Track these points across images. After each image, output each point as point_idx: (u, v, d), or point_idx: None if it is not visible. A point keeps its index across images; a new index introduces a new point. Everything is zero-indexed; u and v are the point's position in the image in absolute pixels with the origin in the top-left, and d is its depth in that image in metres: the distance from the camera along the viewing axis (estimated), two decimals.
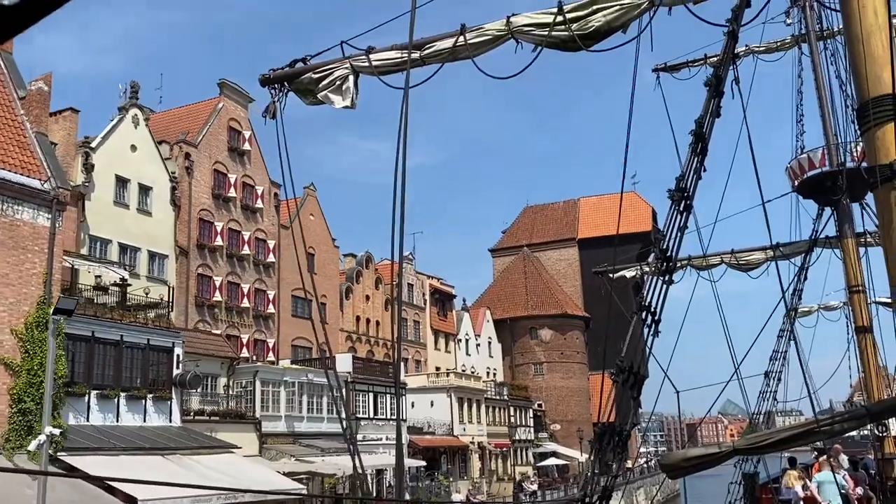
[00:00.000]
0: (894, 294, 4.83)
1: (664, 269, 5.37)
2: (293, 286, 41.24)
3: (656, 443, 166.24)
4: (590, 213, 78.15)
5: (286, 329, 40.02)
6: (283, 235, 41.02)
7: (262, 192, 39.88)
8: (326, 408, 34.71)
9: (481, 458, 49.77)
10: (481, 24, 5.22)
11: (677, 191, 5.43)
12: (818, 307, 19.96)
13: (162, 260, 32.81)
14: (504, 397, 55.87)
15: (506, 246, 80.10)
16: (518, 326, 67.67)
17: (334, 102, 5.65)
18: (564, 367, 66.67)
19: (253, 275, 38.30)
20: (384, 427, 38.95)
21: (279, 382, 32.17)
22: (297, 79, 5.82)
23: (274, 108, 5.80)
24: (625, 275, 17.31)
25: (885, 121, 4.62)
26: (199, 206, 35.43)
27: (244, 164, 38.95)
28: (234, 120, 38.74)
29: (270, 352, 38.16)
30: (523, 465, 56.73)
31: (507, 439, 54.69)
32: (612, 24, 5.03)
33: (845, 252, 11.51)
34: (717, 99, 5.31)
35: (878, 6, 5.10)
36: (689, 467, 4.66)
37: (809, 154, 11.94)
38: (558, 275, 75.64)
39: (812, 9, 12.28)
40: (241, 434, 28.06)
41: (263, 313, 38.55)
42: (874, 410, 6.21)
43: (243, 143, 38.94)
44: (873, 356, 10.88)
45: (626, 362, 5.06)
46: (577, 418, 65.13)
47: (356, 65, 5.56)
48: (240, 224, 37.95)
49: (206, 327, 33.83)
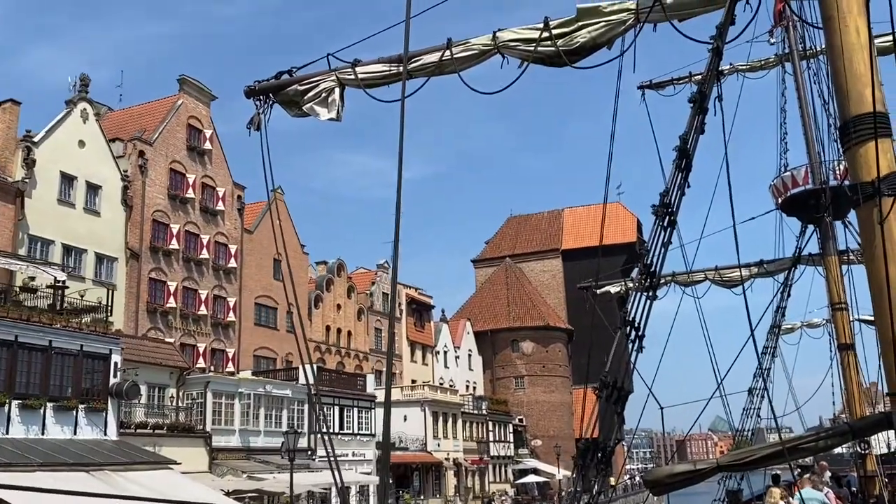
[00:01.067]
0: (876, 312, 5.15)
1: (648, 285, 5.69)
2: (257, 293, 41.30)
3: (645, 459, 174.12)
4: (574, 223, 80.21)
5: (248, 338, 40.10)
6: (247, 240, 41.09)
7: (224, 193, 39.87)
8: (287, 422, 34.73)
9: (456, 475, 50.40)
10: (468, 39, 5.54)
11: (661, 206, 5.75)
12: (801, 324, 21.24)
13: (110, 263, 32.66)
14: (482, 412, 56.79)
15: (488, 256, 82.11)
16: (499, 339, 69.11)
17: (320, 115, 5.94)
18: (546, 380, 68.09)
19: (212, 280, 38.24)
20: (350, 442, 39.31)
21: (233, 394, 32.13)
22: (283, 90, 6.10)
23: (259, 120, 6.05)
24: (609, 290, 18.15)
25: (867, 139, 4.95)
26: (153, 207, 35.31)
27: (205, 164, 38.92)
28: (195, 118, 38.74)
29: (230, 362, 38.24)
30: (502, 482, 57.60)
31: (485, 455, 55.57)
32: (598, 41, 5.37)
33: (828, 269, 12.20)
34: (702, 116, 5.66)
35: (860, 25, 5.42)
36: (673, 483, 4.98)
37: (793, 172, 12.66)
38: (541, 286, 77.32)
39: (795, 28, 13.02)
40: (190, 449, 27.90)
41: (223, 321, 38.56)
42: (857, 427, 6.58)
43: (204, 142, 38.92)
44: (856, 374, 11.50)
45: (611, 377, 5.36)
46: (559, 434, 66.35)
47: (342, 77, 5.86)
48: (198, 227, 37.90)
49: (159, 335, 33.79)
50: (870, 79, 5.06)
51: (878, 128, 4.88)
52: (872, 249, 4.77)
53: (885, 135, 4.88)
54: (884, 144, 4.83)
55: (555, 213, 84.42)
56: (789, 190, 12.49)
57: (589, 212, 79.38)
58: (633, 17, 5.41)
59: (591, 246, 72.24)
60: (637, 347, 5.56)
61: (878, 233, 4.65)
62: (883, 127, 4.89)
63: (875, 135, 4.92)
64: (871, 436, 9.27)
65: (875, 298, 4.79)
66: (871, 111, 4.99)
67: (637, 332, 5.57)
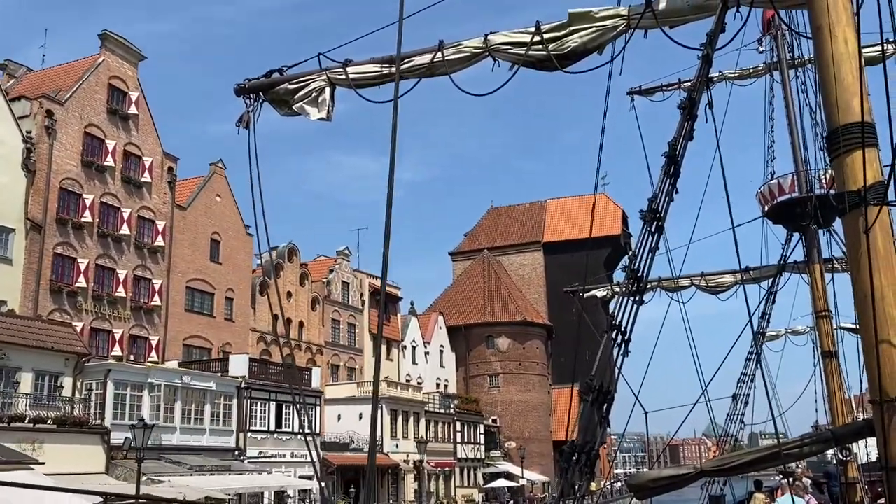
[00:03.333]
0: (861, 320, 5.94)
1: (635, 290, 6.52)
2: (189, 276, 41.43)
3: (637, 463, 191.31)
4: (557, 215, 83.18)
5: (177, 326, 40.35)
6: (179, 217, 41.09)
7: (152, 164, 39.82)
8: (210, 418, 34.97)
9: (418, 479, 51.63)
10: (459, 41, 6.24)
11: (649, 212, 6.58)
12: (785, 331, 23.35)
13: (5, 234, 32.41)
14: (450, 411, 58.31)
15: (467, 249, 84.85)
16: (473, 334, 71.41)
17: (310, 114, 6.60)
18: (522, 379, 70.37)
19: (133, 259, 38.30)
20: (289, 442, 39.89)
21: (142, 385, 32.00)
22: (273, 89, 6.75)
23: (248, 118, 6.68)
24: (596, 294, 19.81)
25: (854, 148, 5.54)
26: (62, 174, 35.14)
27: (129, 130, 38.80)
28: (118, 78, 38.53)
29: (153, 351, 38.29)
30: (470, 486, 59.47)
31: (452, 458, 57.20)
32: (589, 46, 6.14)
33: (812, 277, 13.69)
34: (691, 122, 6.48)
35: (849, 35, 6.19)
36: (657, 488, 5.82)
37: (779, 180, 14.14)
38: (521, 280, 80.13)
39: (783, 37, 14.27)
40: (82, 447, 27.45)
41: (146, 305, 38.70)
42: (839, 434, 7.51)
43: (129, 105, 38.79)
44: (838, 381, 12.81)
45: (597, 381, 6.14)
46: (536, 436, 69.12)
47: (333, 77, 6.52)
48: (119, 199, 37.87)
49: (65, 318, 33.61)
50: (858, 88, 5.81)
51: (865, 137, 5.51)
52: (857, 258, 5.34)
53: (872, 144, 5.52)
54: (870, 154, 5.45)
55: (537, 204, 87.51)
56: (776, 198, 13.88)
57: (573, 203, 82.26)
58: (625, 23, 6.18)
59: (573, 238, 75.46)
60: (623, 352, 6.37)
61: (864, 242, 5.21)
62: (870, 136, 5.54)
63: (862, 144, 5.54)
64: (852, 443, 10.38)
65: (859, 306, 5.31)
66: (858, 121, 5.63)
67: (624, 337, 6.38)
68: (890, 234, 5.38)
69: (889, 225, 5.39)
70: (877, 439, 4.92)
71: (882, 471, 4.84)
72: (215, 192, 44.87)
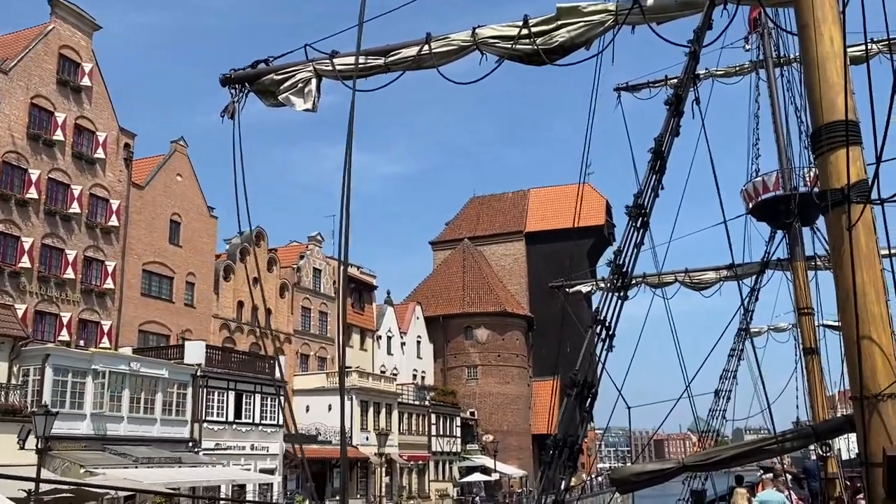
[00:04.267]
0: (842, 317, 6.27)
1: (619, 285, 6.89)
2: (146, 259, 41.24)
3: (624, 457, 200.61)
4: (540, 204, 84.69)
5: (132, 310, 40.26)
6: (136, 196, 40.90)
7: (106, 140, 39.52)
8: (162, 407, 34.88)
9: (389, 473, 52.17)
10: (447, 34, 6.57)
11: (635, 207, 6.95)
12: (768, 328, 24.86)
13: None
14: (425, 403, 59.12)
15: (448, 238, 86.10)
16: (452, 325, 72.63)
17: (295, 105, 6.91)
18: (501, 371, 71.70)
19: (85, 240, 38.10)
20: (249, 434, 39.98)
21: (85, 371, 31.70)
22: (259, 80, 7.05)
23: (233, 108, 6.96)
24: (581, 289, 21.06)
25: (838, 146, 5.90)
26: (4, 147, 34.91)
27: (81, 103, 38.48)
28: (70, 48, 38.16)
29: (105, 336, 38.16)
30: (445, 480, 60.23)
31: (426, 451, 57.93)
32: (576, 41, 6.49)
33: (795, 275, 14.43)
34: (677, 118, 6.85)
35: (835, 34, 6.56)
36: (639, 482, 6.23)
37: (764, 177, 14.96)
38: (503, 271, 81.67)
39: (770, 35, 14.92)
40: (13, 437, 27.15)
41: (98, 288, 38.55)
42: (820, 430, 7.97)
43: (82, 77, 38.45)
44: (819, 377, 13.52)
45: (580, 375, 6.51)
46: (514, 429, 70.45)
47: (319, 68, 6.83)
48: (69, 176, 37.63)
49: (6, 299, 33.41)
50: (842, 87, 6.22)
51: (849, 135, 5.86)
52: (840, 255, 5.71)
53: (856, 143, 5.89)
54: (854, 152, 5.81)
55: (520, 193, 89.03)
56: (760, 195, 14.66)
57: (556, 193, 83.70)
58: (612, 18, 6.55)
59: (556, 228, 77.19)
60: (607, 347, 6.74)
61: (847, 239, 5.59)
62: (854, 135, 5.90)
63: (846, 142, 5.90)
64: (833, 438, 10.96)
65: (841, 303, 5.66)
66: (843, 119, 6.00)
67: (608, 332, 6.75)
68: (872, 232, 5.76)
69: (872, 223, 5.76)
70: (857, 435, 5.33)
71: (862, 466, 5.26)
72: (176, 172, 44.41)
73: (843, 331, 5.62)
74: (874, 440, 5.10)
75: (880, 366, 5.22)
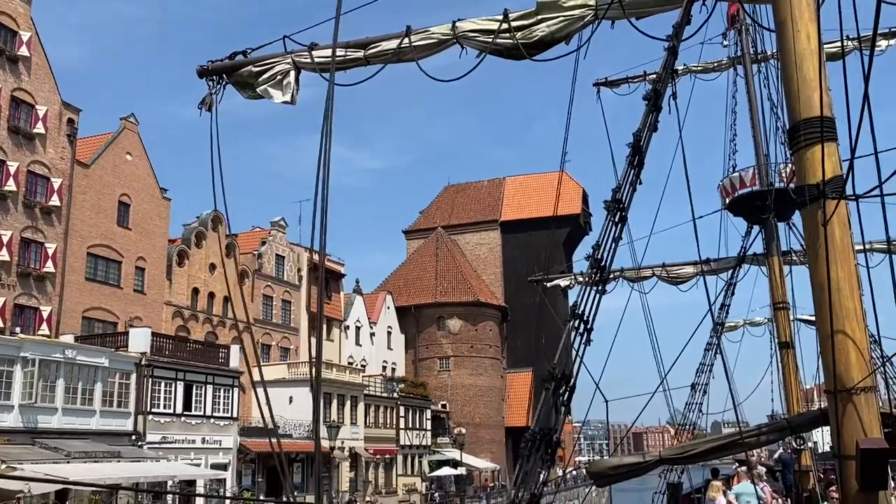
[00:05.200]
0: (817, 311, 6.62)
1: (597, 280, 7.26)
2: (91, 241, 40.67)
3: (596, 451, 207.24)
4: (515, 193, 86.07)
5: (76, 296, 39.72)
6: (81, 176, 40.39)
7: (47, 114, 38.86)
8: (102, 398, 34.24)
9: (354, 468, 52.53)
10: (427, 28, 6.88)
11: (613, 202, 7.32)
12: (744, 322, 26.02)
13: None
14: (393, 395, 59.69)
15: (421, 227, 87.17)
16: (424, 315, 73.72)
17: (274, 97, 7.19)
18: (474, 362, 72.78)
19: (21, 220, 37.41)
20: (200, 426, 39.62)
21: (12, 360, 30.88)
22: (237, 72, 7.30)
23: (210, 101, 7.22)
24: (559, 283, 22.00)
25: (814, 142, 6.23)
26: None
27: (18, 74, 37.94)
28: (6, 15, 37.47)
29: (44, 322, 37.53)
30: (414, 475, 60.97)
31: (394, 445, 58.58)
32: (556, 35, 6.84)
33: (771, 269, 15.21)
34: (656, 113, 7.23)
35: (811, 31, 6.90)
36: (616, 475, 6.63)
37: (741, 173, 15.87)
38: (478, 261, 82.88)
39: (747, 32, 15.55)
40: None
41: (36, 272, 37.83)
42: (795, 423, 8.43)
43: (19, 46, 37.91)
44: (794, 371, 14.24)
45: (559, 369, 6.86)
46: (487, 421, 71.60)
47: (298, 60, 7.12)
48: (3, 151, 36.77)
49: None
50: (818, 83, 6.62)
51: (825, 132, 6.20)
52: (815, 250, 6.04)
53: (831, 139, 6.23)
54: (829, 148, 6.14)
55: (495, 181, 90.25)
56: (737, 191, 15.56)
57: (531, 181, 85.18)
58: (592, 13, 6.90)
59: (532, 217, 78.51)
60: (585, 340, 7.09)
61: (822, 234, 5.92)
62: (829, 131, 6.24)
63: (822, 138, 6.25)
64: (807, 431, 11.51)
65: (816, 298, 6.03)
66: (819, 115, 6.36)
67: (586, 326, 7.10)
68: (847, 227, 6.11)
69: (847, 218, 6.12)
70: (830, 428, 5.73)
71: (835, 459, 5.66)
72: (126, 150, 43.87)
73: (817, 325, 5.95)
74: (847, 433, 5.47)
75: (854, 360, 5.56)
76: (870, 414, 5.48)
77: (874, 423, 5.46)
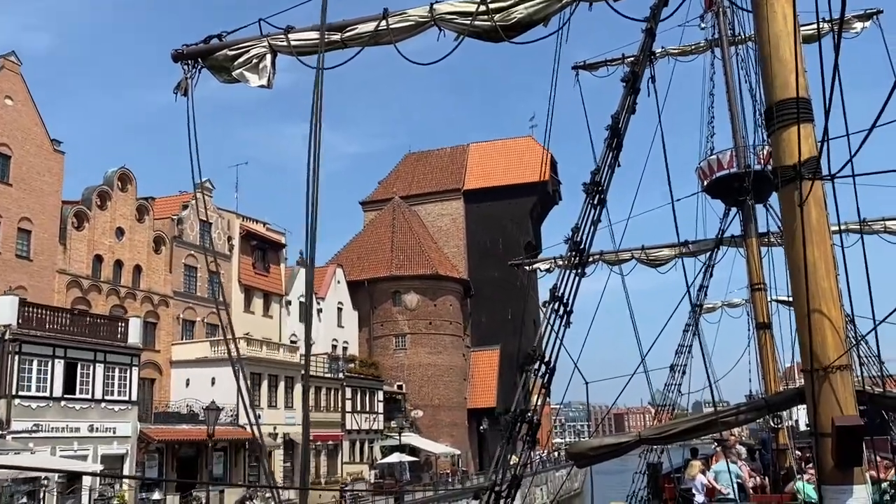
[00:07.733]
0: (794, 291, 6.43)
1: (577, 262, 7.22)
2: None
3: (577, 432, 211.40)
4: (479, 160, 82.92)
5: None
6: None
7: None
8: None
9: (290, 456, 48.35)
10: (404, 10, 6.79)
11: (592, 184, 7.28)
12: (722, 304, 26.40)
13: None
14: (339, 376, 55.55)
15: (379, 198, 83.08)
16: (379, 290, 69.71)
17: (250, 81, 7.12)
18: (433, 339, 69.17)
19: None
20: (87, 412, 35.31)
21: None
22: (212, 55, 7.21)
23: (186, 85, 7.13)
24: (539, 267, 22.03)
25: (790, 123, 6.25)
26: None
27: None
28: None
29: None
30: (364, 462, 57.30)
31: (339, 430, 54.68)
32: (534, 17, 6.77)
33: (749, 251, 15.52)
34: (634, 95, 7.19)
35: (787, 13, 6.87)
36: (596, 456, 6.61)
37: (718, 156, 16.11)
38: (440, 232, 79.35)
39: (725, 14, 15.68)
40: None
41: None
42: (772, 402, 8.46)
43: None
44: (772, 351, 14.45)
45: (539, 351, 6.83)
46: (447, 403, 68.17)
47: (274, 44, 7.04)
48: None
49: None
50: (795, 65, 6.63)
51: (801, 113, 6.20)
52: (792, 231, 6.09)
53: (808, 120, 6.24)
54: (805, 129, 6.15)
55: (458, 148, 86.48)
56: (714, 173, 15.76)
57: (497, 147, 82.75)
58: None
59: (497, 185, 76.31)
60: (565, 323, 7.07)
61: (798, 215, 5.94)
62: (805, 112, 6.24)
63: (798, 119, 6.26)
64: (784, 410, 11.64)
65: (793, 278, 6.11)
66: (794, 96, 6.36)
67: (565, 308, 7.08)
68: (823, 207, 6.14)
69: (822, 199, 6.13)
70: (807, 406, 5.75)
71: (812, 437, 5.68)
72: (5, 94, 38.01)
73: (794, 305, 6.03)
74: (824, 411, 5.53)
75: (830, 339, 5.60)
76: (845, 392, 5.54)
77: (850, 400, 5.54)
